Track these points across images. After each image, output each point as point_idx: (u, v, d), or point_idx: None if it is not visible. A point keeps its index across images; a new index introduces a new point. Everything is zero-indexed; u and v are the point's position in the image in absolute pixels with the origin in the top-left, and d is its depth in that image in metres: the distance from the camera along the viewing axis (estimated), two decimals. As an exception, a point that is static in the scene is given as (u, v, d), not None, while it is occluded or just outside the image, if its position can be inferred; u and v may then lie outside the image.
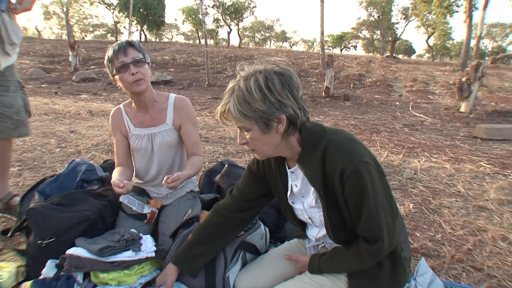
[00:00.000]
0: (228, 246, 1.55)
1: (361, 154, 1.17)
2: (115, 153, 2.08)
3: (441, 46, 34.94)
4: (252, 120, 1.15)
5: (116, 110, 2.04)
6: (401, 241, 1.34)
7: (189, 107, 2.03)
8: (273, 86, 1.12)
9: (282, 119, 1.15)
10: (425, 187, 3.24)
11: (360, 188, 1.14)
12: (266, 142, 1.21)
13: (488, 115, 7.76)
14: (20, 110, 2.30)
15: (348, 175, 1.14)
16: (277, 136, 1.19)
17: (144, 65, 1.84)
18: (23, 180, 2.96)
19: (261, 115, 1.13)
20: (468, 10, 17.99)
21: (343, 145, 1.18)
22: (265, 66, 1.18)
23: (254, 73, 1.15)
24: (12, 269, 1.66)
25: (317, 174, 1.21)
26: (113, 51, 1.79)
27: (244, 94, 1.13)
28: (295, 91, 1.16)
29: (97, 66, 15.09)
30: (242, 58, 17.61)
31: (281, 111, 1.14)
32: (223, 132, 5.13)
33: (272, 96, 1.12)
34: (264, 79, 1.13)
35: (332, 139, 1.21)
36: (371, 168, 1.16)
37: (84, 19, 43.37)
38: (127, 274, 1.56)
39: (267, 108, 1.12)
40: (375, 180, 1.16)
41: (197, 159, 1.97)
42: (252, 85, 1.13)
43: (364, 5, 31.44)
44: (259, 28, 52.99)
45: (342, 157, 1.16)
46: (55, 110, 6.31)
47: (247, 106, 1.13)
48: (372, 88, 12.33)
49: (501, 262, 2.05)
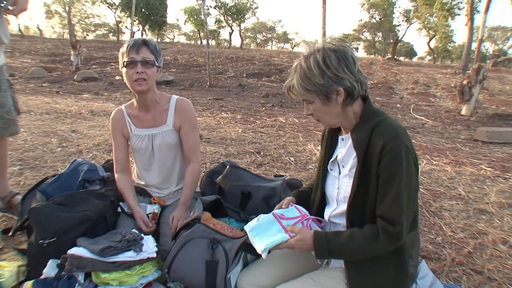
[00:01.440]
0: (230, 248, 1.55)
1: (406, 139, 1.25)
2: (114, 157, 2.08)
3: (442, 49, 34.96)
4: (313, 93, 1.29)
5: (117, 112, 2.05)
6: (410, 255, 1.34)
7: (190, 109, 2.04)
8: (330, 62, 1.25)
9: (340, 91, 1.28)
10: (426, 189, 3.24)
11: (395, 165, 1.22)
12: (327, 112, 1.33)
13: (489, 118, 7.76)
14: (11, 109, 2.31)
15: (389, 150, 1.22)
16: (337, 106, 1.32)
17: (152, 67, 1.86)
18: (24, 179, 2.96)
19: (321, 88, 1.27)
20: (470, 13, 17.98)
21: (394, 126, 1.27)
22: (323, 45, 1.30)
23: (313, 52, 1.29)
24: (13, 268, 1.67)
25: (363, 141, 1.29)
26: (128, 45, 1.84)
27: (304, 71, 1.28)
28: (351, 65, 1.27)
29: (99, 65, 15.11)
30: (244, 59, 17.62)
31: (339, 84, 1.26)
32: (224, 133, 5.14)
33: (329, 71, 1.25)
34: (322, 56, 1.26)
35: (387, 120, 1.30)
36: (410, 154, 1.23)
37: (86, 18, 43.44)
38: (128, 275, 1.56)
39: (325, 82, 1.26)
40: (410, 165, 1.23)
41: (193, 172, 2.02)
42: (311, 62, 1.27)
43: (366, 7, 31.45)
44: (261, 29, 53.03)
45: (388, 133, 1.25)
46: (56, 109, 6.32)
47: (308, 81, 1.27)
48: (373, 90, 12.32)
49: (501, 265, 2.06)
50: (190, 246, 1.58)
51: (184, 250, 1.58)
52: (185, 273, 1.55)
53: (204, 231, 1.59)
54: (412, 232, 1.33)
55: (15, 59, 14.97)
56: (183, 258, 1.57)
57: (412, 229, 1.33)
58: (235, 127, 5.61)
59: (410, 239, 1.31)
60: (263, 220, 1.38)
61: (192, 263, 1.55)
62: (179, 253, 1.58)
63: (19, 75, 11.83)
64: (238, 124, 5.88)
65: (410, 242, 1.32)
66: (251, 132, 5.31)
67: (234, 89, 11.16)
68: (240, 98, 9.29)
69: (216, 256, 1.55)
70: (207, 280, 1.51)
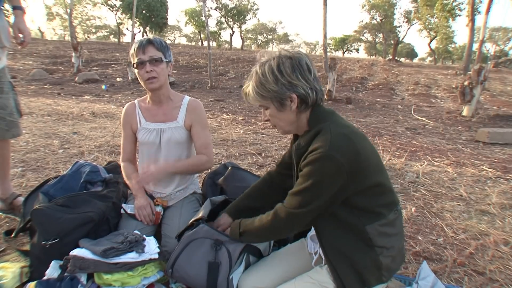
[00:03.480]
0: (233, 249, 1.56)
1: (337, 149, 1.23)
2: (121, 147, 2.17)
3: (443, 50, 35.00)
4: (268, 99, 1.34)
5: (130, 105, 2.13)
6: (379, 245, 1.33)
7: (201, 110, 2.10)
8: (284, 69, 1.29)
9: (294, 98, 1.31)
10: (427, 190, 3.24)
11: (310, 168, 1.26)
12: (282, 118, 1.38)
13: (490, 119, 7.76)
14: (13, 111, 2.32)
15: (313, 154, 1.25)
16: (291, 113, 1.35)
17: (160, 64, 1.91)
18: (26, 181, 2.97)
19: (275, 94, 1.31)
20: (471, 14, 17.99)
21: (332, 134, 1.27)
22: (279, 52, 1.34)
23: (269, 59, 1.33)
24: (16, 269, 1.67)
25: (302, 149, 1.34)
26: (135, 47, 1.90)
27: (259, 77, 1.32)
28: (306, 72, 1.31)
29: (100, 67, 15.15)
30: (245, 60, 17.65)
31: (292, 90, 1.30)
32: (225, 134, 5.14)
33: (283, 78, 1.29)
34: (276, 63, 1.30)
35: (328, 126, 1.30)
36: (335, 164, 1.22)
37: (87, 20, 43.47)
38: (131, 276, 1.56)
39: (279, 89, 1.30)
40: (325, 174, 1.24)
41: (198, 158, 2.05)
42: (266, 69, 1.31)
43: (366, 8, 31.51)
44: (262, 30, 53.09)
45: (322, 141, 1.26)
46: (58, 111, 6.33)
47: (263, 87, 1.32)
48: (374, 91, 12.33)
49: (503, 266, 2.06)
50: (193, 247, 1.58)
51: (187, 251, 1.58)
52: (187, 274, 1.56)
53: (208, 231, 1.59)
54: (377, 222, 1.32)
55: (16, 61, 15.03)
56: (186, 259, 1.57)
57: (376, 219, 1.32)
58: (236, 129, 5.61)
59: (376, 230, 1.31)
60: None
61: (194, 263, 1.55)
62: (182, 253, 1.58)
63: (20, 77, 11.87)
64: (239, 126, 5.89)
65: (377, 233, 1.31)
66: (252, 133, 5.31)
67: (235, 90, 11.17)
68: (241, 100, 9.29)
69: (219, 257, 1.55)
70: (208, 282, 1.51)
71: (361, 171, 1.26)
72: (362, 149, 1.28)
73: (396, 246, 1.39)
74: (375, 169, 1.32)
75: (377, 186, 1.32)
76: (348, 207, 1.31)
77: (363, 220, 1.31)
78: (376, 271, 1.33)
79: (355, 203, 1.30)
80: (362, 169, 1.27)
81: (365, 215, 1.32)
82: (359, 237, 1.32)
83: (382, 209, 1.34)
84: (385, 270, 1.34)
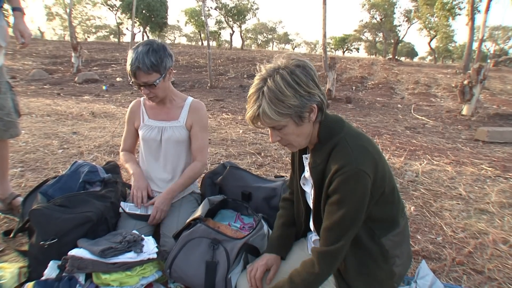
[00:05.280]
0: (231, 248, 1.55)
1: (362, 162, 1.18)
2: (122, 139, 2.25)
3: (443, 49, 34.99)
4: (287, 117, 1.18)
5: (136, 102, 2.20)
6: (395, 255, 1.32)
7: (203, 111, 2.14)
8: (299, 79, 1.16)
9: (314, 108, 1.20)
10: (427, 189, 3.24)
11: (344, 190, 1.17)
12: (300, 133, 1.25)
13: (490, 118, 7.76)
14: (11, 111, 2.32)
15: (340, 174, 1.17)
16: (309, 125, 1.24)
17: (155, 87, 1.89)
18: (26, 181, 2.97)
19: (296, 110, 1.17)
20: (471, 12, 17.99)
21: (351, 148, 1.20)
22: (282, 62, 1.20)
23: (276, 71, 1.18)
24: (14, 270, 1.67)
25: (319, 167, 1.26)
26: (128, 68, 1.86)
27: (275, 93, 1.15)
28: (315, 77, 1.20)
29: (100, 67, 15.15)
30: (245, 60, 17.65)
31: (312, 100, 1.18)
32: (225, 134, 5.14)
33: (301, 89, 1.16)
34: (289, 74, 1.16)
35: (344, 139, 1.23)
36: (365, 179, 1.17)
37: (87, 20, 43.54)
38: (129, 275, 1.56)
39: (300, 102, 1.16)
40: (358, 192, 1.17)
41: (192, 169, 2.07)
42: (280, 83, 1.15)
43: (366, 8, 31.50)
44: (262, 30, 53.12)
45: (343, 157, 1.19)
46: (57, 111, 6.33)
47: (282, 104, 1.15)
48: (374, 90, 12.32)
49: (502, 265, 2.06)
50: (191, 246, 1.59)
51: (184, 251, 1.59)
52: (185, 274, 1.56)
53: (205, 230, 1.59)
54: (392, 233, 1.31)
55: (16, 61, 15.02)
56: (184, 259, 1.57)
57: (391, 230, 1.31)
58: (235, 128, 5.61)
59: (391, 241, 1.30)
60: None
61: (192, 263, 1.55)
62: (180, 253, 1.58)
63: (20, 77, 11.86)
64: (239, 125, 5.89)
65: (392, 244, 1.30)
66: (251, 133, 5.31)
67: (235, 90, 11.17)
68: (241, 99, 9.29)
69: (217, 256, 1.55)
70: (206, 282, 1.51)
71: (381, 179, 1.23)
72: (378, 157, 1.24)
73: (405, 252, 1.39)
74: (389, 175, 1.30)
75: (392, 191, 1.30)
76: (363, 223, 1.25)
77: (378, 233, 1.28)
78: (390, 281, 1.33)
79: (371, 215, 1.25)
80: (381, 177, 1.23)
81: (380, 227, 1.29)
82: (376, 251, 1.29)
83: (395, 217, 1.33)
84: (397, 278, 1.35)
